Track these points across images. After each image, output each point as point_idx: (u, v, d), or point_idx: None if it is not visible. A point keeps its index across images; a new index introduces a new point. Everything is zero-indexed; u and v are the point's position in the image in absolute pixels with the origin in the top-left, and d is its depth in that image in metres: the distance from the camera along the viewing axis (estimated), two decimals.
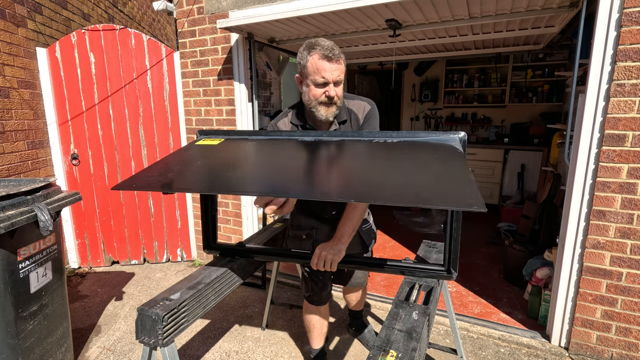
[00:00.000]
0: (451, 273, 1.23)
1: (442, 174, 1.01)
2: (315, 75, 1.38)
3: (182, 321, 1.34)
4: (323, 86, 1.40)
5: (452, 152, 1.14)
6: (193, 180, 1.18)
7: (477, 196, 0.82)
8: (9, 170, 2.74)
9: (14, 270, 1.58)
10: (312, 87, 1.41)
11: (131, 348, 2.26)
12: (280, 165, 1.23)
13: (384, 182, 1.00)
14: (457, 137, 1.22)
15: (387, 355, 1.00)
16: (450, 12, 2.41)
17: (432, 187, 0.96)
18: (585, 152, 1.95)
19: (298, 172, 1.16)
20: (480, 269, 3.30)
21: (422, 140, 1.24)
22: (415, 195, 0.90)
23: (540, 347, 2.18)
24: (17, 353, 1.61)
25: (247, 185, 1.16)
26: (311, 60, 1.37)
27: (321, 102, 1.42)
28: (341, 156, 1.28)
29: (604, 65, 1.84)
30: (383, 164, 1.13)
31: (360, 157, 1.22)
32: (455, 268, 1.22)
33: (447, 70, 5.47)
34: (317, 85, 1.40)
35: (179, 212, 3.43)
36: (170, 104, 3.23)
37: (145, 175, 1.16)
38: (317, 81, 1.39)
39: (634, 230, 1.89)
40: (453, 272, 1.23)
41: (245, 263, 1.76)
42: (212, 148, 1.40)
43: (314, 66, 1.37)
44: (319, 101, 1.42)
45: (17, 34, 2.81)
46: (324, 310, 1.91)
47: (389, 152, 1.22)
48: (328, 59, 1.35)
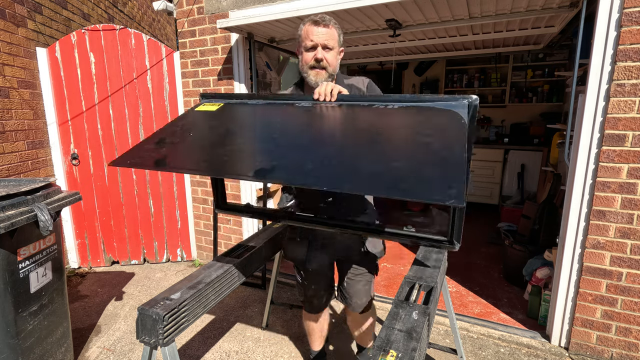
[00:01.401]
0: (454, 244, 1.14)
1: (429, 154, 0.94)
2: (306, 40, 1.45)
3: (182, 321, 1.34)
4: (312, 50, 1.45)
5: (453, 123, 1.05)
6: (187, 159, 1.18)
7: (459, 187, 0.76)
8: (9, 170, 2.74)
9: (14, 270, 1.58)
10: (304, 53, 1.48)
11: (131, 348, 2.26)
12: (269, 139, 1.22)
13: (360, 167, 0.96)
14: (465, 102, 1.09)
15: (387, 355, 1.00)
16: (450, 12, 2.41)
17: (411, 173, 0.89)
18: (585, 152, 1.95)
19: (284, 150, 1.14)
20: (480, 269, 3.30)
21: (426, 105, 1.15)
22: (390, 184, 0.84)
23: (540, 347, 2.18)
24: (17, 353, 1.61)
25: (235, 167, 1.15)
26: (303, 29, 1.46)
27: (311, 67, 1.46)
28: (331, 127, 1.25)
29: (604, 65, 1.84)
30: (370, 139, 1.08)
31: (351, 131, 1.17)
32: (458, 239, 1.12)
33: (447, 70, 5.47)
34: (307, 50, 1.46)
35: (179, 212, 3.43)
36: (170, 104, 3.23)
37: (140, 150, 1.15)
38: (307, 45, 1.45)
39: (634, 230, 1.89)
40: (456, 243, 1.13)
41: (245, 263, 1.76)
42: (210, 116, 1.40)
43: (305, 32, 1.45)
44: (309, 65, 1.47)
45: (17, 34, 2.81)
46: (322, 314, 1.86)
47: (384, 120, 1.17)
48: (316, 23, 1.43)
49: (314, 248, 1.66)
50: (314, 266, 1.68)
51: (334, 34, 1.46)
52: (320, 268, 1.69)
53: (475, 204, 5.19)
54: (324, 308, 1.84)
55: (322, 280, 1.73)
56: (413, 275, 1.51)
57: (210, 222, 3.34)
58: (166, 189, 3.37)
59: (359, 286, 1.69)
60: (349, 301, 1.73)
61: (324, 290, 1.76)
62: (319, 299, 1.77)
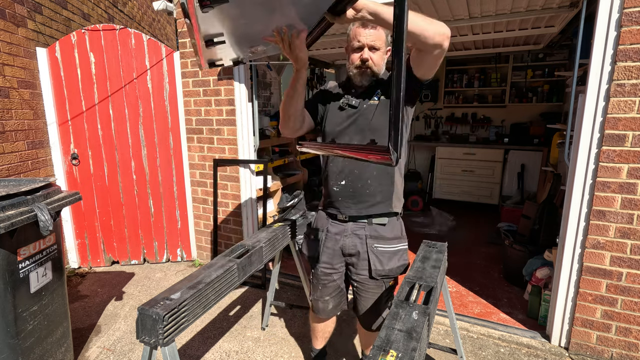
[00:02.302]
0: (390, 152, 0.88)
1: None
2: (353, 40, 1.48)
3: (182, 321, 1.35)
4: (359, 50, 1.48)
5: None
6: None
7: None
8: (9, 170, 2.74)
9: (14, 270, 1.58)
10: (351, 53, 1.51)
11: (131, 348, 2.26)
12: None
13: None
14: None
15: (387, 355, 1.00)
16: (450, 12, 2.41)
17: None
18: (585, 152, 1.95)
19: None
20: (480, 269, 3.30)
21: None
22: None
23: (540, 347, 2.18)
24: (17, 353, 1.61)
25: None
26: (352, 29, 1.49)
27: (357, 67, 1.49)
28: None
29: (604, 65, 1.84)
30: None
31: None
32: (396, 148, 0.82)
33: (447, 70, 5.47)
34: (354, 50, 1.49)
35: (179, 212, 3.43)
36: (170, 104, 3.23)
37: None
38: (354, 46, 1.48)
39: (634, 230, 1.89)
40: (392, 152, 0.83)
41: (245, 263, 1.76)
42: None
43: (353, 33, 1.48)
44: (355, 65, 1.50)
45: (17, 34, 2.81)
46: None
47: None
48: (364, 25, 1.45)
49: (324, 249, 1.65)
50: (321, 268, 1.67)
51: (382, 35, 1.47)
52: (326, 271, 1.67)
53: (475, 204, 5.19)
54: (331, 315, 1.78)
55: (329, 284, 1.69)
56: (413, 275, 1.51)
57: (210, 222, 3.34)
58: (166, 189, 3.37)
59: (366, 303, 1.63)
60: (358, 315, 1.70)
61: (328, 295, 1.71)
62: (323, 303, 1.73)
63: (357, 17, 1.12)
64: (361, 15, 1.12)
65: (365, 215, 1.56)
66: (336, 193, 1.57)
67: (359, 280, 1.61)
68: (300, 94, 1.45)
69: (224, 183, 3.20)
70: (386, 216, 1.57)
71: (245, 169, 3.10)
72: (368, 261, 1.56)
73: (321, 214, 1.71)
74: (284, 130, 1.57)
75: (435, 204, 5.28)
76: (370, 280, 1.58)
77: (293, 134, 1.58)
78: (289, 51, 1.25)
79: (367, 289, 1.60)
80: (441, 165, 5.30)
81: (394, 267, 1.56)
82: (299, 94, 1.44)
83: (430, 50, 1.24)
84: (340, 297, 1.74)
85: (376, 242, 1.55)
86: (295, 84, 1.41)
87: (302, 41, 1.24)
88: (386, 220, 1.57)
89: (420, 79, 1.39)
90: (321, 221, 1.69)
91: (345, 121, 1.55)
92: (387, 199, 1.55)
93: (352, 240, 1.58)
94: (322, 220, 1.69)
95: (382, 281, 1.59)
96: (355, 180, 1.53)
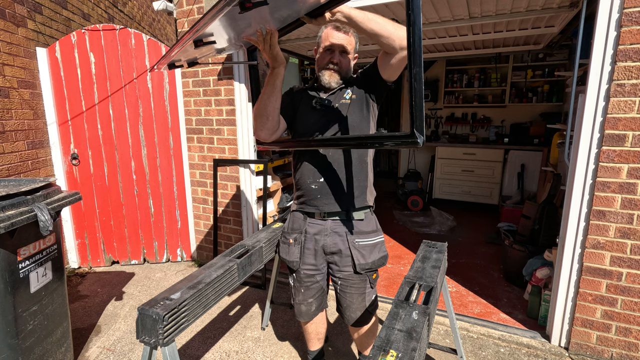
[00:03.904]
0: (415, 137, 0.97)
1: None
2: (325, 42, 1.52)
3: (182, 321, 1.35)
4: (329, 52, 1.52)
5: None
6: None
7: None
8: (9, 170, 2.74)
9: (14, 270, 1.58)
10: (321, 54, 1.55)
11: (131, 348, 2.26)
12: None
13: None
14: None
15: (387, 355, 1.00)
16: (450, 12, 2.41)
17: None
18: (585, 152, 1.95)
19: None
20: (480, 269, 3.30)
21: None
22: None
23: (540, 347, 2.18)
24: (17, 353, 1.61)
25: None
26: (324, 31, 1.53)
27: (326, 68, 1.53)
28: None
29: (604, 65, 1.84)
30: None
31: None
32: (421, 132, 0.95)
33: (447, 70, 5.47)
34: (325, 51, 1.53)
35: (179, 212, 3.43)
36: (170, 104, 3.23)
37: None
38: (325, 46, 1.52)
39: (634, 230, 1.89)
40: (418, 136, 0.95)
41: (245, 263, 1.76)
42: None
43: (325, 35, 1.52)
44: (324, 66, 1.53)
45: (17, 34, 2.81)
46: (317, 317, 1.81)
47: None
48: (337, 29, 1.49)
49: (305, 251, 1.64)
50: (304, 270, 1.66)
51: (352, 41, 1.53)
52: (309, 272, 1.66)
53: (475, 204, 5.20)
54: (313, 317, 1.78)
55: (312, 286, 1.69)
56: (413, 275, 1.52)
57: (210, 222, 3.34)
58: (166, 189, 3.37)
59: (352, 299, 1.63)
60: (342, 313, 1.70)
61: (312, 297, 1.71)
62: (307, 305, 1.73)
63: (332, 19, 1.19)
64: (336, 18, 1.18)
65: (345, 211, 1.58)
66: (314, 190, 1.58)
67: (343, 277, 1.61)
68: (279, 91, 1.48)
69: (224, 183, 3.20)
70: (362, 210, 1.60)
71: (245, 169, 3.10)
72: (351, 257, 1.57)
73: (296, 215, 1.69)
74: (260, 133, 1.57)
75: (435, 204, 5.28)
76: (354, 275, 1.60)
77: (270, 136, 1.57)
78: (268, 50, 1.31)
79: (352, 284, 1.62)
80: (441, 165, 5.31)
81: (375, 260, 1.60)
82: (278, 91, 1.48)
83: (395, 53, 1.32)
84: (323, 297, 1.76)
85: (357, 237, 1.58)
86: (275, 81, 1.45)
87: (276, 40, 1.31)
88: (363, 215, 1.60)
89: (387, 80, 1.47)
90: (297, 223, 1.67)
91: (319, 120, 1.57)
92: (362, 194, 1.59)
93: (333, 238, 1.59)
94: (298, 222, 1.67)
95: (365, 275, 1.61)
96: (334, 177, 1.56)
